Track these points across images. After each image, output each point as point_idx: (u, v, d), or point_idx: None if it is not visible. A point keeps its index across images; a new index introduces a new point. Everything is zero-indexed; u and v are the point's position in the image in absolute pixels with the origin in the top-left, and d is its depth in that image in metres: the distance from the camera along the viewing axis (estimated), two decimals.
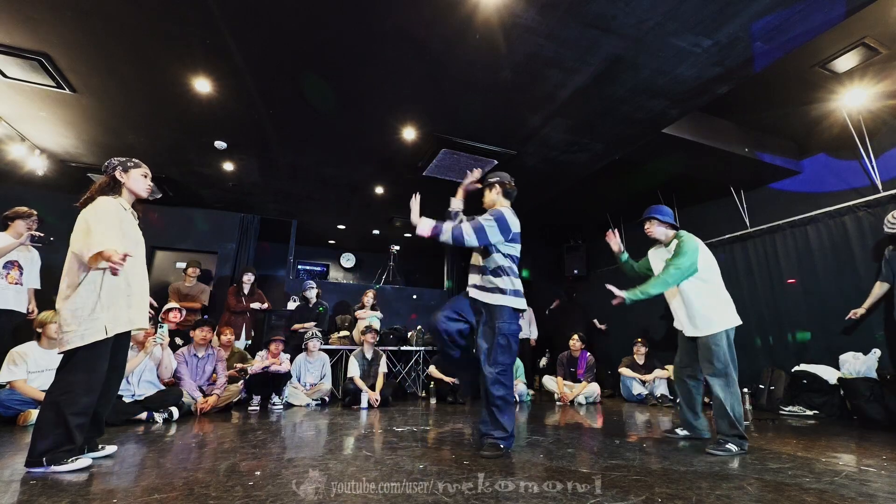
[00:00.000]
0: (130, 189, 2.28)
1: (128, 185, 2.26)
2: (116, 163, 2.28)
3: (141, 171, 2.32)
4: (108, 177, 2.25)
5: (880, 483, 1.88)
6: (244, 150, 4.71)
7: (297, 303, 5.98)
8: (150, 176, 2.36)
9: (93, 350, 1.99)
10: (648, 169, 5.04)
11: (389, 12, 2.77)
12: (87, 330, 1.97)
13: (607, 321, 7.01)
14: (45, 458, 1.87)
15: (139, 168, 2.32)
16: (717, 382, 2.52)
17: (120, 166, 2.26)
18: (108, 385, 2.14)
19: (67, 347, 1.97)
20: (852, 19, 2.82)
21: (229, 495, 1.59)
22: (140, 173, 2.31)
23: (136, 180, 2.29)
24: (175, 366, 3.78)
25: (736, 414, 2.46)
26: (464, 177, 2.78)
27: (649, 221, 2.91)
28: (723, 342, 2.56)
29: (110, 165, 2.28)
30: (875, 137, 4.12)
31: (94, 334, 1.98)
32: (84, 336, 1.96)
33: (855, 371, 3.77)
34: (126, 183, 2.26)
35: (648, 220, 2.91)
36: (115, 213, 2.14)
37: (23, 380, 3.07)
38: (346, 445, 2.58)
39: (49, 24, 2.90)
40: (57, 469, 1.87)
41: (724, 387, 2.50)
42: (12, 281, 3.45)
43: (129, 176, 2.26)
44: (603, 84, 3.42)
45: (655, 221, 2.88)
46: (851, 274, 4.15)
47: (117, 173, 2.24)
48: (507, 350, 2.35)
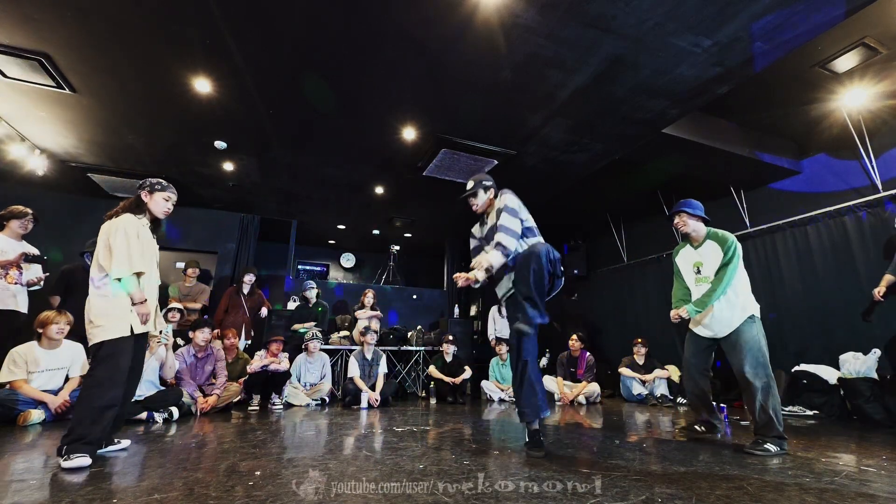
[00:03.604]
0: (151, 210, 2.45)
1: (149, 206, 2.43)
2: (147, 184, 2.45)
3: (164, 195, 2.46)
4: (135, 196, 2.43)
5: (880, 483, 1.88)
6: (244, 150, 4.71)
7: (297, 303, 5.98)
8: (173, 200, 2.51)
9: (115, 346, 2.16)
10: (648, 169, 5.04)
11: (389, 12, 2.77)
12: (114, 326, 2.17)
13: (607, 321, 7.02)
14: (65, 449, 1.98)
15: (164, 192, 2.47)
16: (760, 385, 2.43)
17: (148, 188, 2.43)
18: (128, 384, 2.29)
19: (94, 341, 2.15)
20: (852, 19, 2.82)
21: (229, 495, 1.59)
22: (163, 196, 2.46)
23: (158, 203, 2.45)
24: (177, 366, 3.79)
25: (777, 414, 2.41)
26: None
27: (679, 216, 2.77)
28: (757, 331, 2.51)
29: (142, 185, 2.45)
30: (875, 137, 4.12)
31: (120, 331, 2.17)
32: (111, 331, 2.16)
33: (855, 371, 3.77)
34: (148, 204, 2.43)
35: (678, 214, 2.78)
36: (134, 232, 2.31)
37: (23, 380, 3.07)
38: (346, 445, 2.58)
39: (49, 24, 2.90)
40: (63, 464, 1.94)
41: (764, 389, 2.43)
42: (11, 281, 3.44)
43: (153, 198, 2.43)
44: (603, 84, 3.42)
45: (685, 215, 2.75)
46: (851, 274, 4.15)
47: (143, 194, 2.42)
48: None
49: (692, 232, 2.76)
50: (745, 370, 2.46)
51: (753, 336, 2.50)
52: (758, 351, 2.47)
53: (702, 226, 2.77)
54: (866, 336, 3.94)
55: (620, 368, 5.41)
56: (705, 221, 2.77)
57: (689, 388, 2.90)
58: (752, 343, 2.49)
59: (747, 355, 2.47)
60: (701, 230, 2.76)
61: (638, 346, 5.38)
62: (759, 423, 2.46)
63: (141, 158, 4.74)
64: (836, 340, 4.16)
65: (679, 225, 2.79)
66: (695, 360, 2.81)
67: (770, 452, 2.33)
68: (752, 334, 2.50)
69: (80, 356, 3.37)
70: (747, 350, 2.48)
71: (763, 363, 2.47)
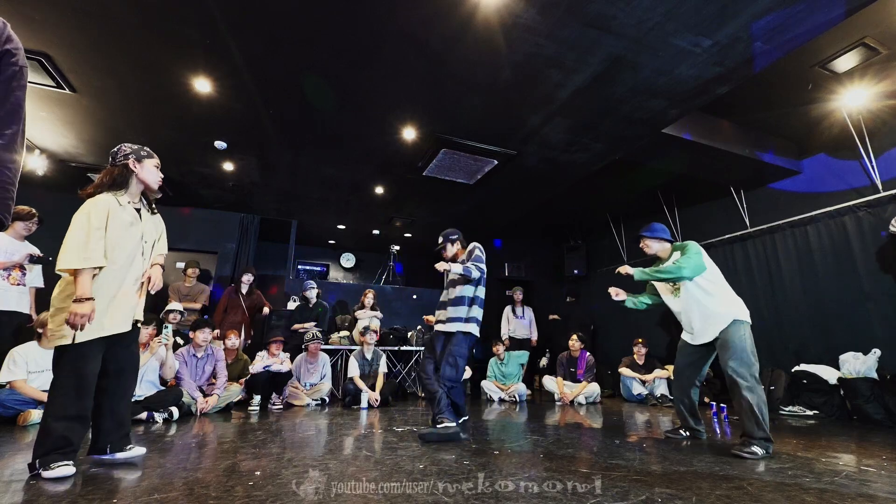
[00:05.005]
0: (143, 180, 2.12)
1: (141, 176, 2.11)
2: (129, 150, 2.10)
3: (154, 162, 2.17)
4: (119, 166, 2.08)
5: (880, 483, 1.88)
6: (244, 150, 4.71)
7: (297, 303, 5.98)
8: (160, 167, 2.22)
9: (75, 351, 1.92)
10: (648, 169, 5.04)
11: (390, 12, 2.77)
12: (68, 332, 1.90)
13: (608, 321, 7.02)
14: (38, 462, 1.81)
15: (152, 158, 2.17)
16: (741, 383, 2.47)
17: (133, 154, 2.09)
18: (124, 386, 2.16)
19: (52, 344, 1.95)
20: (852, 19, 2.82)
21: (229, 495, 1.59)
22: (153, 163, 2.17)
23: (150, 171, 2.14)
24: (177, 366, 3.79)
25: (763, 415, 2.43)
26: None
27: (642, 240, 2.96)
28: (745, 333, 2.55)
29: (120, 152, 2.10)
30: (875, 137, 4.11)
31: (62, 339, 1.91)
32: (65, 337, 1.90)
33: (855, 371, 3.77)
34: (139, 174, 2.10)
35: (640, 239, 2.97)
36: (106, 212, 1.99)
37: (23, 380, 3.07)
38: (346, 445, 2.58)
39: (49, 25, 2.90)
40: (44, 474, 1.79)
41: (749, 389, 2.46)
42: (14, 282, 3.44)
43: (143, 166, 2.10)
44: (603, 84, 3.42)
45: (647, 239, 2.92)
46: (851, 274, 4.15)
47: (130, 162, 2.08)
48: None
49: (657, 252, 2.91)
50: (729, 369, 2.52)
51: (740, 336, 2.54)
52: (742, 352, 2.51)
53: (666, 245, 2.89)
54: (866, 336, 3.94)
55: (620, 368, 5.41)
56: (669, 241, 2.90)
57: (676, 395, 2.98)
58: (738, 343, 2.53)
59: (733, 355, 2.52)
60: (666, 249, 2.88)
61: (638, 346, 5.38)
62: (745, 423, 2.50)
63: None
64: (836, 340, 4.15)
65: (644, 248, 2.96)
66: (687, 372, 2.88)
67: (757, 455, 2.34)
68: (739, 335, 2.55)
69: None
70: (733, 350, 2.53)
71: (748, 364, 2.50)
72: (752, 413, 2.43)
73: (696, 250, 2.70)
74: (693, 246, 2.73)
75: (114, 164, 2.13)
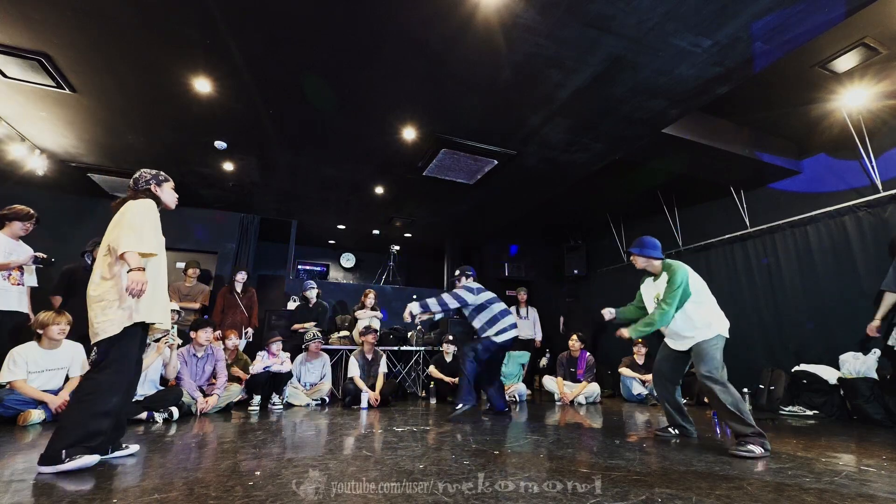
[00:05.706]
0: (164, 202, 2.38)
1: (162, 199, 2.36)
2: (149, 176, 2.35)
3: (170, 185, 2.43)
4: (142, 192, 2.30)
5: (880, 483, 1.88)
6: (244, 150, 4.71)
7: (297, 303, 5.98)
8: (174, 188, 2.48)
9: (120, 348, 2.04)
10: (648, 169, 5.04)
11: (390, 12, 2.77)
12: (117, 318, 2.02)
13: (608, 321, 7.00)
14: (65, 452, 1.87)
15: (169, 181, 2.42)
16: (715, 387, 2.55)
17: (153, 180, 2.35)
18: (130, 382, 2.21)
19: (97, 339, 2.02)
20: (852, 19, 2.82)
21: (229, 495, 1.59)
22: (170, 187, 2.42)
23: (169, 194, 2.40)
24: (178, 366, 3.79)
25: (743, 412, 2.48)
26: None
27: (631, 255, 2.99)
28: (719, 344, 2.67)
29: (142, 178, 2.33)
30: (875, 137, 4.11)
31: (121, 323, 2.03)
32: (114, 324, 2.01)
33: (855, 371, 3.77)
34: (160, 196, 2.35)
35: (630, 254, 3.01)
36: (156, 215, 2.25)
37: (23, 380, 3.07)
38: (346, 445, 2.58)
39: (49, 24, 2.90)
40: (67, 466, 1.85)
41: (721, 390, 2.54)
42: (14, 282, 3.44)
43: (163, 189, 2.37)
44: (603, 84, 3.42)
45: (635, 255, 2.96)
46: (851, 274, 4.15)
47: (152, 187, 2.33)
48: None
49: (647, 267, 2.96)
50: (703, 376, 2.62)
51: (714, 346, 2.66)
52: (713, 360, 2.63)
53: (655, 263, 2.93)
54: (866, 336, 3.94)
55: (620, 368, 5.41)
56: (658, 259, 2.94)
57: (660, 394, 3.07)
58: (710, 352, 2.64)
59: (705, 363, 2.63)
60: (656, 265, 2.93)
61: (638, 346, 5.37)
62: (731, 425, 2.54)
63: (141, 158, 4.73)
64: (836, 340, 4.15)
65: (634, 262, 3.00)
66: (664, 368, 2.99)
67: (754, 454, 2.34)
68: (712, 345, 2.66)
69: (79, 356, 3.37)
70: (706, 358, 2.64)
71: (716, 367, 2.61)
72: (732, 413, 2.49)
73: (680, 281, 2.71)
74: (676, 276, 2.73)
75: (136, 189, 2.33)
